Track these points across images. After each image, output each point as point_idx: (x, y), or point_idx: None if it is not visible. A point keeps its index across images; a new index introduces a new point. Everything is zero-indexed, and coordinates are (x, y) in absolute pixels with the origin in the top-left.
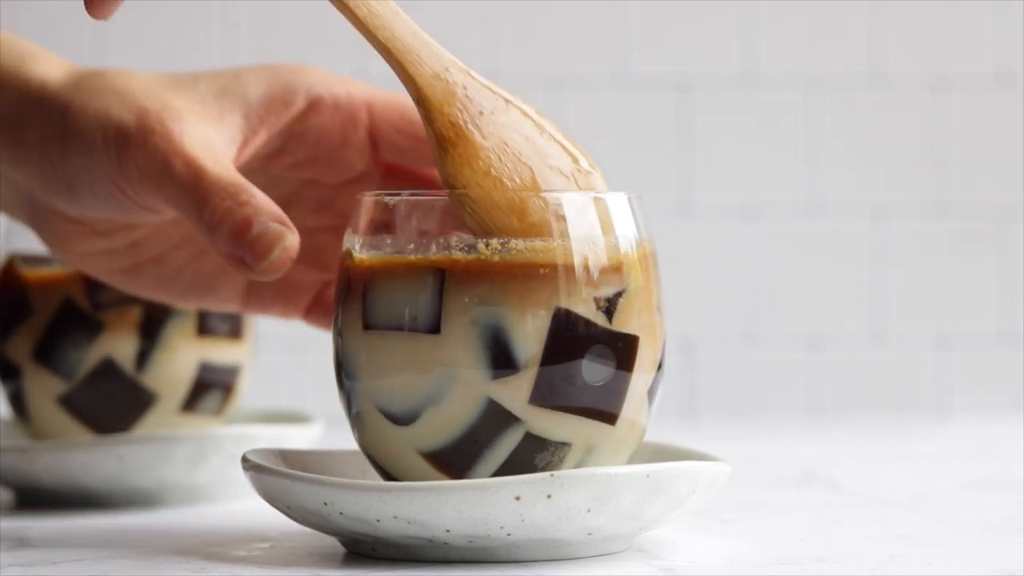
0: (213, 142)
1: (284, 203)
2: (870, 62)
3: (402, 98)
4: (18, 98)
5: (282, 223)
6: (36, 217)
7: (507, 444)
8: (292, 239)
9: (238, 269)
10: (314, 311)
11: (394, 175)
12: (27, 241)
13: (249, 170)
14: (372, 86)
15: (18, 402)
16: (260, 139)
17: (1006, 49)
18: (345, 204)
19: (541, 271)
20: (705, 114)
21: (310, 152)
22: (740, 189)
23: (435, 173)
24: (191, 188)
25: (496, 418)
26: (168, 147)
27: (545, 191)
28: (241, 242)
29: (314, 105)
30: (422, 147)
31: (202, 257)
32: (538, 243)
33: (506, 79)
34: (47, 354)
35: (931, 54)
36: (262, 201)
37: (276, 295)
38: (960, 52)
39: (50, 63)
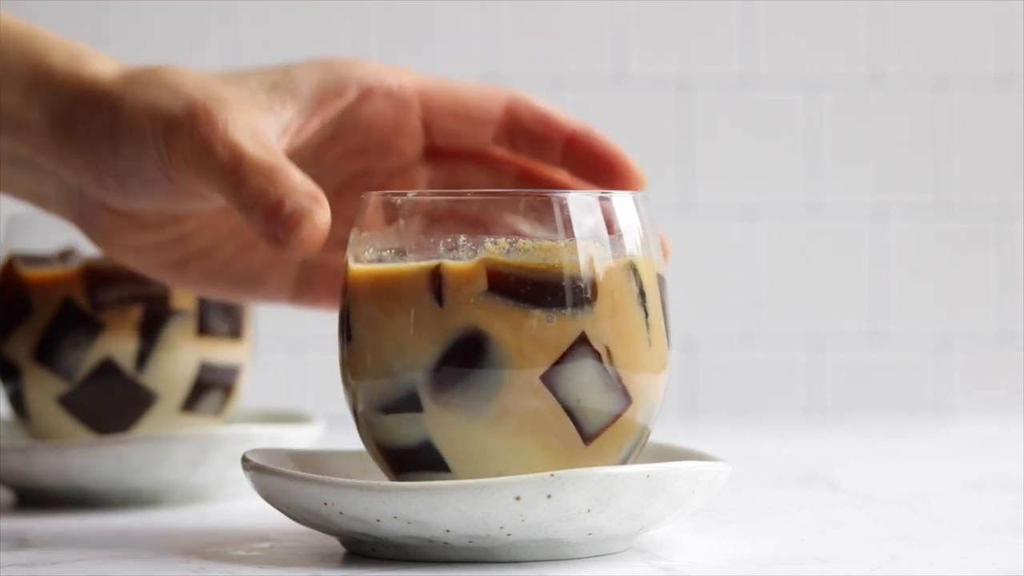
0: (259, 127)
1: (335, 194)
2: (870, 62)
3: (454, 83)
4: (71, 95)
5: (315, 200)
6: (83, 213)
7: None
8: (322, 214)
9: (273, 245)
10: None
11: (445, 161)
12: (27, 241)
13: (300, 161)
14: (423, 74)
15: (18, 402)
16: (312, 127)
17: (1006, 49)
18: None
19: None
20: (705, 114)
21: (362, 140)
22: (740, 189)
23: (491, 152)
24: (231, 171)
25: None
26: (212, 133)
27: (553, 190)
28: (275, 219)
29: (366, 95)
30: (477, 128)
31: (250, 250)
32: (545, 242)
33: (506, 79)
34: (47, 354)
35: (931, 54)
36: (297, 180)
37: (326, 288)
38: (960, 52)
39: (103, 61)
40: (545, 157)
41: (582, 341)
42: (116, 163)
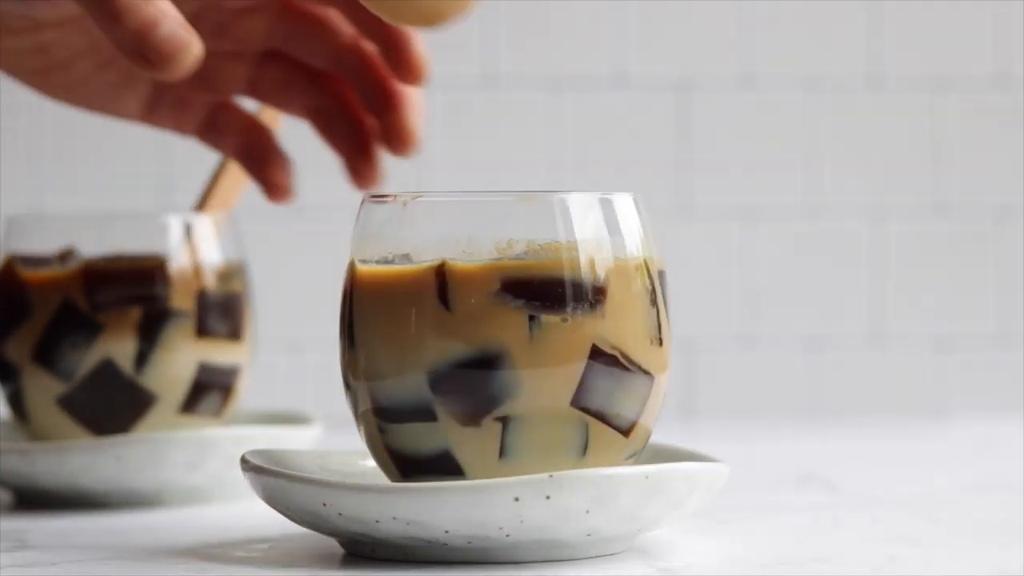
0: None
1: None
2: (869, 63)
3: None
4: None
5: (189, 30)
6: None
7: None
8: (197, 46)
9: (139, 65)
10: (207, 131)
11: (290, 9)
12: (27, 242)
13: None
14: None
15: (17, 403)
16: None
17: (1005, 50)
18: (241, 31)
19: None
20: (704, 115)
21: None
22: (739, 190)
23: (329, 13)
24: None
25: None
26: None
27: (552, 191)
28: (147, 40)
29: None
30: None
31: (108, 68)
32: (553, 243)
33: (506, 79)
34: (46, 355)
35: (930, 55)
36: (168, 5)
37: (172, 111)
38: (959, 53)
39: None
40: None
41: (596, 343)
42: None
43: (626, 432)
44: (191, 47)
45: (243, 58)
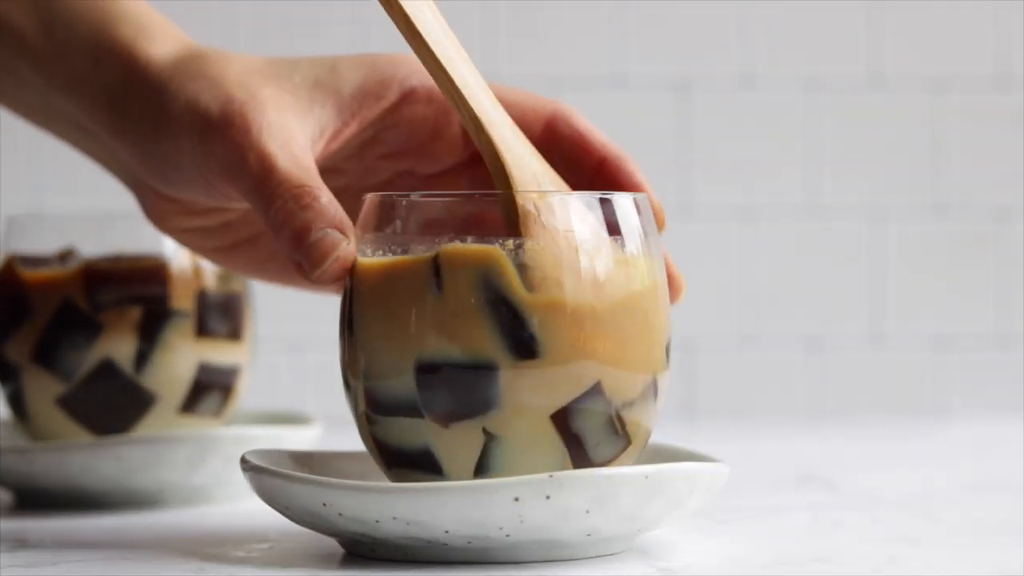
0: (293, 135)
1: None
2: (868, 63)
3: (501, 91)
4: (126, 73)
5: (341, 230)
6: (138, 189)
7: None
8: (347, 248)
9: (297, 273)
10: None
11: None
12: (27, 242)
13: (344, 157)
14: None
15: (17, 403)
16: (351, 130)
17: (1004, 51)
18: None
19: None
20: (704, 115)
21: (403, 143)
22: (739, 190)
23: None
24: (261, 184)
25: None
26: (245, 140)
27: (553, 191)
28: (299, 247)
29: (407, 97)
30: None
31: None
32: (550, 243)
33: (506, 79)
34: (46, 355)
35: (929, 55)
36: (325, 205)
37: None
38: (958, 54)
39: (163, 39)
40: (575, 175)
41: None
42: (157, 151)
43: (605, 464)
44: (338, 248)
45: None
